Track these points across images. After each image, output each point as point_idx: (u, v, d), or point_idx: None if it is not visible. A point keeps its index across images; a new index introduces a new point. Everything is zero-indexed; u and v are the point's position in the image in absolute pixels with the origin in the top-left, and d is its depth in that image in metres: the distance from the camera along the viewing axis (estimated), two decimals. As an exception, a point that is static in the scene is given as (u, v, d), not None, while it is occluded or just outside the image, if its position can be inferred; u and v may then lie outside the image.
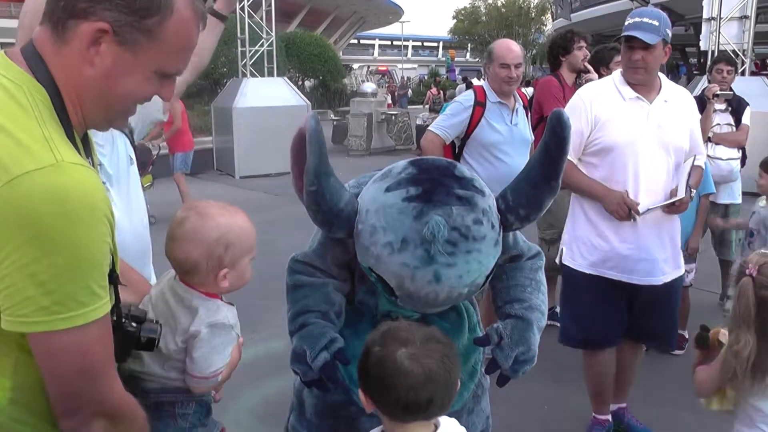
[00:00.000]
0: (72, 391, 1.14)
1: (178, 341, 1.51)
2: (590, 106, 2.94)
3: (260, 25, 12.83)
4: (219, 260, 1.52)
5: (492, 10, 46.30)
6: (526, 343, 1.82)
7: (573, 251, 3.08)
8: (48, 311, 1.05)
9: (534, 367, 4.08)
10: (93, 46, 1.12)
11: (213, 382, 1.53)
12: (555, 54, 4.57)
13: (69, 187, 1.04)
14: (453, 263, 1.60)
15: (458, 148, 3.85)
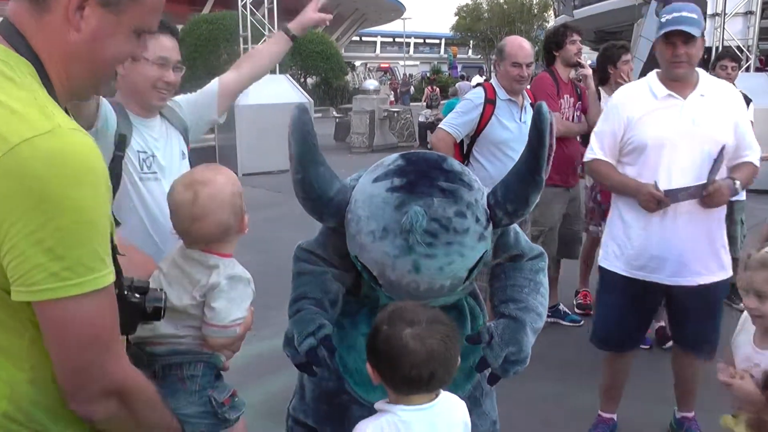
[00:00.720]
0: (81, 365, 1.12)
1: (196, 295, 1.53)
2: (622, 107, 2.95)
3: (262, 22, 12.82)
4: (241, 209, 1.60)
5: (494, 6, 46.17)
6: (517, 344, 1.81)
7: (607, 251, 3.08)
8: (58, 277, 1.04)
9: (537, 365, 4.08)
10: (78, 11, 1.12)
11: (231, 333, 1.54)
12: (548, 49, 4.57)
13: (68, 150, 1.05)
14: (432, 254, 1.62)
15: (467, 146, 3.83)
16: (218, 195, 1.56)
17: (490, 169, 3.73)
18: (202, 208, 1.54)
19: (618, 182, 2.97)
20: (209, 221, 1.54)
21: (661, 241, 2.87)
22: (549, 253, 4.31)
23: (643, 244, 2.90)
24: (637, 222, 2.92)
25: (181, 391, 1.51)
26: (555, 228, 4.43)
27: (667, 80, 2.87)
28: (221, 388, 1.59)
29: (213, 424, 1.55)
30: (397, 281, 1.67)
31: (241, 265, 1.61)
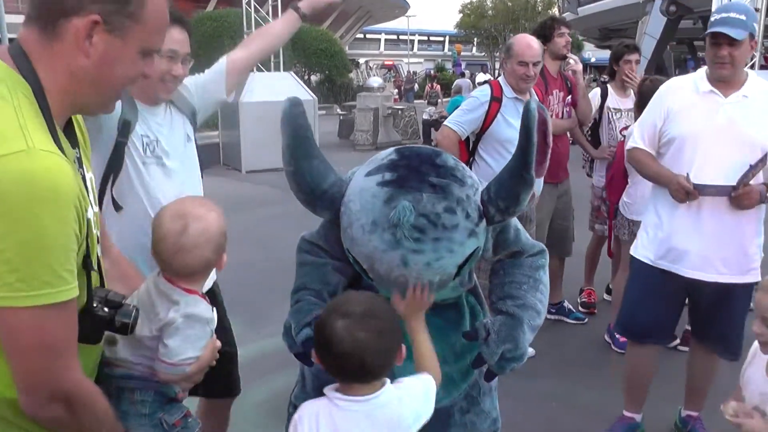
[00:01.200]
0: (30, 368, 1.19)
1: (153, 329, 1.54)
2: (665, 98, 2.98)
3: (266, 19, 12.82)
4: (222, 247, 1.62)
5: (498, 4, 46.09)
6: (513, 341, 1.80)
7: (638, 241, 3.14)
8: (11, 287, 1.11)
9: (541, 363, 4.10)
10: (87, 38, 1.20)
11: (180, 371, 1.54)
12: None
13: (37, 171, 1.11)
14: (420, 249, 1.62)
15: (473, 143, 3.82)
16: (208, 231, 1.57)
17: (495, 167, 3.70)
18: (190, 240, 1.54)
19: (654, 172, 3.00)
20: (194, 255, 1.55)
21: (685, 233, 2.89)
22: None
23: (668, 234, 2.94)
24: (666, 213, 2.96)
25: (131, 413, 1.53)
26: (543, 224, 4.39)
27: (712, 78, 2.88)
28: (173, 410, 1.59)
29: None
30: (386, 275, 1.67)
31: (204, 303, 1.60)
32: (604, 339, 4.41)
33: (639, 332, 3.16)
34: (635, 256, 3.11)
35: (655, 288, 3.03)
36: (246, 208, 8.25)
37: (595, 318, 4.81)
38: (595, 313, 4.86)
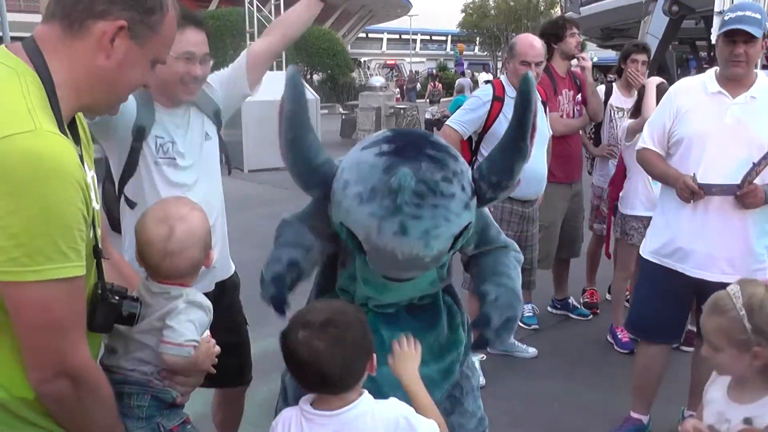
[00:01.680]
0: (36, 344, 1.21)
1: (154, 321, 1.54)
2: (674, 98, 3.00)
3: (269, 18, 12.83)
4: (209, 246, 1.64)
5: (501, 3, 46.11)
6: (513, 310, 1.87)
7: (646, 240, 3.16)
8: (17, 262, 1.13)
9: (543, 364, 4.11)
10: (110, 42, 1.26)
11: (186, 353, 1.52)
12: (546, 43, 4.40)
13: (43, 150, 1.14)
14: (419, 215, 1.61)
15: (475, 142, 3.81)
16: (195, 231, 1.58)
17: (497, 166, 3.71)
18: (178, 243, 1.54)
19: (662, 172, 3.02)
20: (183, 257, 1.55)
21: (690, 232, 2.90)
22: (548, 250, 4.36)
23: (675, 234, 2.96)
24: (673, 213, 2.97)
25: (129, 416, 1.52)
26: (556, 224, 4.40)
27: (722, 78, 2.88)
28: (172, 416, 1.59)
29: None
30: (383, 246, 1.65)
31: (202, 295, 1.62)
32: (607, 339, 4.41)
33: (648, 331, 3.18)
34: (643, 256, 3.14)
35: (663, 287, 3.05)
36: (248, 207, 8.25)
37: (598, 318, 4.82)
38: (597, 313, 4.86)
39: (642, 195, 4.12)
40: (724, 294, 1.81)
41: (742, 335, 1.74)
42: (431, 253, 1.66)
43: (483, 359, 3.93)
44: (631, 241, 4.14)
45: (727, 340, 1.77)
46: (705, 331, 1.86)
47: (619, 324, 4.32)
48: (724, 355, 1.79)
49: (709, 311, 1.85)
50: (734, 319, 1.75)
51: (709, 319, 1.84)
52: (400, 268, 1.69)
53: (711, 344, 1.83)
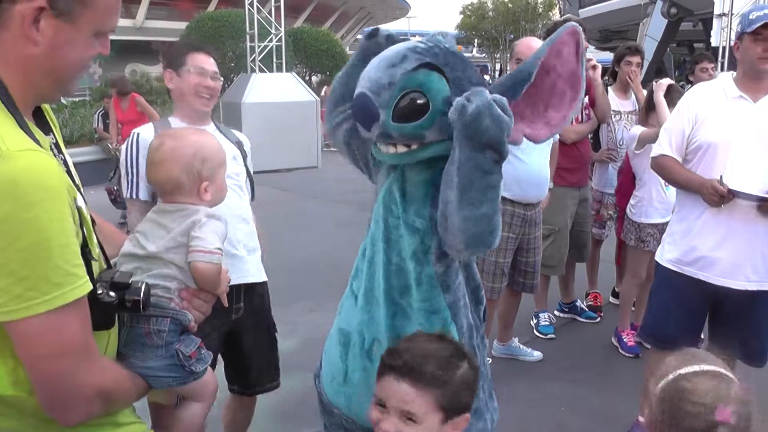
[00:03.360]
0: (54, 375, 1.16)
1: (177, 237, 1.57)
2: (692, 104, 2.94)
3: (269, 20, 12.81)
4: (198, 174, 1.64)
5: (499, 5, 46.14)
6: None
7: (663, 246, 3.10)
8: (23, 298, 1.08)
9: (549, 367, 4.08)
10: (34, 24, 1.15)
11: (216, 260, 1.57)
12: None
13: (18, 173, 1.07)
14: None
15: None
16: (178, 150, 1.64)
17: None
18: (160, 155, 1.64)
19: (684, 178, 2.95)
20: (161, 170, 1.63)
21: (713, 240, 2.85)
22: (560, 255, 4.35)
23: (696, 241, 2.90)
24: (694, 220, 2.92)
25: (147, 346, 1.52)
26: (565, 228, 4.39)
27: (742, 82, 2.85)
28: (188, 342, 1.59)
29: (180, 377, 1.56)
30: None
31: (206, 207, 1.67)
32: (612, 342, 4.40)
33: (664, 340, 3.10)
34: (660, 263, 3.08)
35: (682, 295, 2.99)
36: (248, 209, 8.22)
37: (602, 321, 4.81)
38: (601, 316, 4.85)
39: (656, 202, 4.09)
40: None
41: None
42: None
43: (488, 363, 3.91)
44: (648, 248, 4.10)
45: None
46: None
47: (625, 328, 4.31)
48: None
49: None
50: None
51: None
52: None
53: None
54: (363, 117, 1.65)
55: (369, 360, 1.78)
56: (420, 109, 1.62)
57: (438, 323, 1.78)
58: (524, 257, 3.86)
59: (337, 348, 1.85)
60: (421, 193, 1.77)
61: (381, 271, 1.78)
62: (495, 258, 3.71)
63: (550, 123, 1.73)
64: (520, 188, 3.67)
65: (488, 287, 3.75)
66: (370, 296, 1.81)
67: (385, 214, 1.78)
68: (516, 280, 3.93)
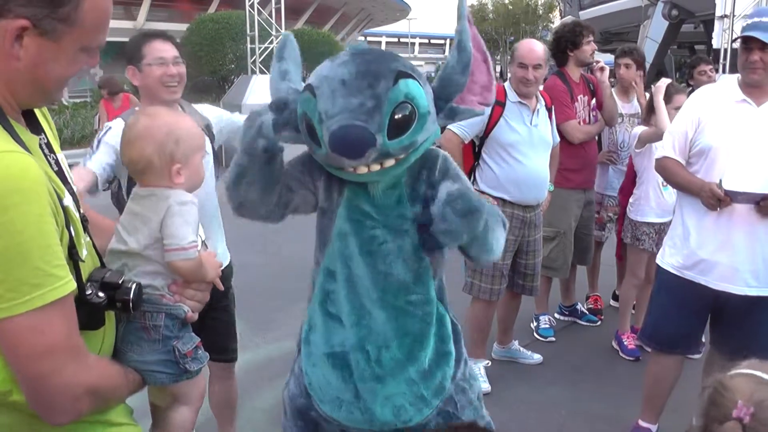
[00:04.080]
0: (40, 375, 1.16)
1: (155, 232, 1.54)
2: (696, 107, 2.92)
3: (269, 22, 12.82)
4: (171, 155, 1.59)
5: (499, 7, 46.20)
6: (468, 201, 1.64)
7: (664, 249, 3.08)
8: (3, 299, 1.09)
9: (549, 371, 4.07)
10: (17, 41, 1.14)
11: (192, 255, 1.54)
12: (562, 48, 4.41)
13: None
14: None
15: (477, 147, 3.78)
16: (152, 129, 1.60)
17: (497, 172, 3.66)
18: (133, 133, 1.60)
19: (685, 180, 2.93)
20: (133, 147, 1.59)
21: (714, 244, 2.83)
22: (564, 257, 4.33)
23: (696, 245, 2.88)
24: (694, 223, 2.90)
25: (144, 340, 1.52)
26: (570, 231, 4.36)
27: (745, 86, 2.83)
28: (186, 339, 1.58)
29: (174, 374, 1.55)
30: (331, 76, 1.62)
31: (185, 193, 1.63)
32: (612, 346, 4.38)
33: (665, 343, 3.11)
34: (661, 266, 3.06)
35: (682, 299, 2.97)
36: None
37: (603, 324, 4.79)
38: (602, 320, 4.83)
39: (653, 201, 4.09)
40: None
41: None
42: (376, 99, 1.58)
43: (488, 365, 3.90)
44: (642, 246, 4.12)
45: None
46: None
47: (626, 330, 4.29)
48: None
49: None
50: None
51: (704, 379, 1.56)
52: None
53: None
54: (355, 147, 1.58)
55: (380, 367, 1.79)
56: (407, 119, 1.61)
57: (433, 309, 1.83)
58: (524, 259, 3.84)
59: (334, 372, 1.82)
60: (395, 196, 1.77)
61: (368, 283, 1.76)
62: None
63: (484, 84, 1.75)
64: (519, 190, 3.65)
65: (487, 289, 3.73)
66: (361, 311, 1.79)
67: (355, 229, 1.77)
68: (516, 282, 3.91)
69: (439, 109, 1.69)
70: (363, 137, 1.56)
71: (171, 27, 24.25)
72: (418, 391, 1.80)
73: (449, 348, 1.88)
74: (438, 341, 1.86)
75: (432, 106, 1.66)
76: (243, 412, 3.45)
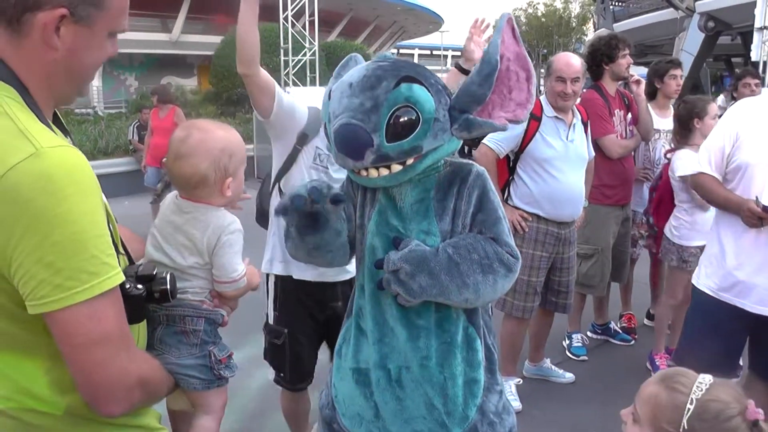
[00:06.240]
0: (95, 363, 1.18)
1: (205, 257, 1.58)
2: (734, 121, 2.81)
3: (303, 34, 12.90)
4: (225, 169, 1.62)
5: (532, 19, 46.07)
6: (414, 265, 1.64)
7: (700, 270, 2.97)
8: (62, 288, 1.12)
9: (581, 391, 3.99)
10: (54, 33, 1.19)
11: (241, 284, 1.63)
12: (598, 62, 4.35)
13: (51, 169, 1.11)
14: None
15: (512, 162, 3.74)
16: (207, 143, 1.60)
17: (532, 187, 3.62)
18: (187, 148, 1.59)
19: (722, 198, 2.82)
20: (188, 163, 1.59)
21: (751, 265, 2.72)
22: (602, 275, 4.25)
23: (733, 265, 2.77)
24: (731, 243, 2.80)
25: (184, 343, 1.55)
26: (608, 248, 4.29)
27: None
28: (221, 347, 1.62)
29: (207, 380, 1.57)
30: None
31: (231, 215, 1.65)
32: (646, 366, 4.28)
33: (699, 367, 3.02)
34: (697, 287, 2.95)
35: (718, 322, 2.86)
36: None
37: (636, 344, 4.70)
38: (635, 338, 4.74)
39: (699, 225, 3.92)
40: (691, 375, 1.54)
41: (670, 428, 1.45)
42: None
43: (519, 383, 3.85)
44: (690, 268, 3.93)
45: (651, 419, 1.50)
46: (640, 392, 1.59)
47: (660, 351, 4.20)
48: (638, 430, 1.53)
49: (661, 377, 1.57)
50: (676, 405, 1.46)
51: (654, 385, 1.55)
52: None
53: (635, 409, 1.56)
54: (353, 147, 1.59)
55: (400, 388, 1.75)
56: (411, 123, 1.60)
57: (458, 330, 1.78)
58: (557, 276, 3.79)
59: (357, 388, 1.81)
60: (422, 209, 1.75)
61: (391, 299, 1.74)
62: (527, 277, 3.64)
63: (520, 102, 1.70)
64: (553, 206, 3.60)
65: (520, 306, 3.68)
66: (384, 328, 1.77)
67: (382, 243, 1.75)
68: (549, 299, 3.85)
69: (453, 119, 1.66)
70: (358, 136, 1.58)
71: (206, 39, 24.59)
72: (439, 417, 1.75)
73: (477, 375, 1.79)
74: (466, 366, 1.79)
75: (443, 114, 1.64)
76: (270, 423, 3.45)
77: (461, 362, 1.78)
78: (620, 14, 29.31)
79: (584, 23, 45.13)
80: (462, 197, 1.75)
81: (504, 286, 1.73)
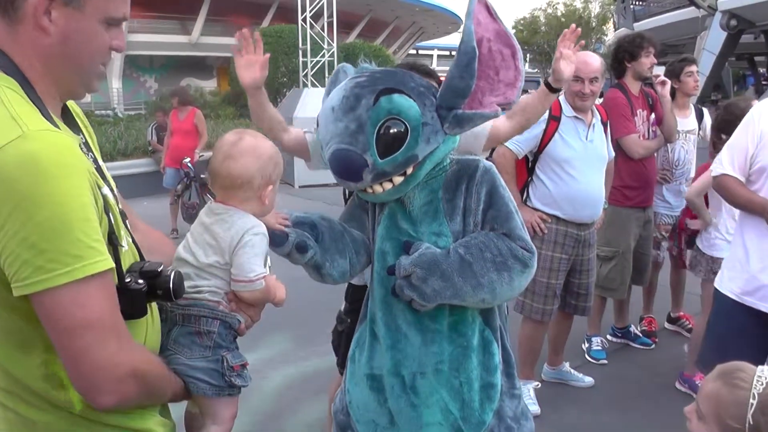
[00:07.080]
0: (79, 350, 1.16)
1: (226, 257, 1.57)
2: (758, 122, 2.75)
3: (321, 35, 12.94)
4: (269, 176, 1.63)
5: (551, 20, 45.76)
6: (426, 269, 1.65)
7: (723, 273, 2.92)
8: (44, 269, 1.10)
9: (601, 396, 3.95)
10: (45, 15, 1.18)
11: (258, 286, 1.57)
12: (620, 59, 4.29)
13: (37, 150, 1.10)
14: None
15: (531, 162, 3.70)
16: (259, 149, 1.62)
17: (551, 188, 3.58)
18: (239, 150, 1.61)
19: (746, 199, 2.77)
20: (239, 163, 1.60)
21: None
22: (622, 278, 4.20)
23: (758, 268, 2.72)
24: (755, 246, 2.75)
25: (197, 344, 1.54)
26: (629, 251, 4.23)
27: None
28: (236, 354, 1.60)
29: (217, 386, 1.54)
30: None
31: (258, 221, 1.65)
32: (666, 371, 4.20)
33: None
34: (719, 290, 2.90)
35: (741, 326, 2.81)
36: (297, 223, 8.28)
37: (657, 348, 4.63)
38: (656, 342, 4.67)
39: (728, 234, 3.76)
40: (749, 369, 1.52)
41: (735, 424, 1.45)
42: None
43: (538, 387, 3.81)
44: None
45: (716, 418, 1.49)
46: (701, 389, 1.60)
47: (695, 373, 3.87)
48: (704, 428, 1.53)
49: (720, 373, 1.55)
50: (739, 401, 1.45)
51: (713, 381, 1.54)
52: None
53: (698, 406, 1.56)
54: (350, 171, 1.62)
55: (415, 394, 1.74)
56: (400, 135, 1.59)
57: (473, 334, 1.76)
58: (577, 279, 3.75)
59: (371, 395, 1.80)
60: (431, 210, 1.74)
61: (404, 304, 1.73)
62: (546, 279, 3.61)
63: (509, 82, 1.67)
64: (573, 208, 3.57)
65: (539, 309, 3.65)
66: (397, 334, 1.76)
67: (392, 247, 1.75)
68: (568, 302, 3.81)
69: (442, 118, 1.64)
70: (352, 160, 1.60)
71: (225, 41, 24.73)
72: (455, 422, 1.74)
73: (494, 380, 1.78)
74: (482, 371, 1.77)
75: (431, 116, 1.62)
76: (286, 426, 3.44)
77: (477, 366, 1.76)
78: (641, 13, 29.10)
79: (604, 23, 44.79)
80: (471, 195, 1.74)
81: (521, 282, 1.71)
